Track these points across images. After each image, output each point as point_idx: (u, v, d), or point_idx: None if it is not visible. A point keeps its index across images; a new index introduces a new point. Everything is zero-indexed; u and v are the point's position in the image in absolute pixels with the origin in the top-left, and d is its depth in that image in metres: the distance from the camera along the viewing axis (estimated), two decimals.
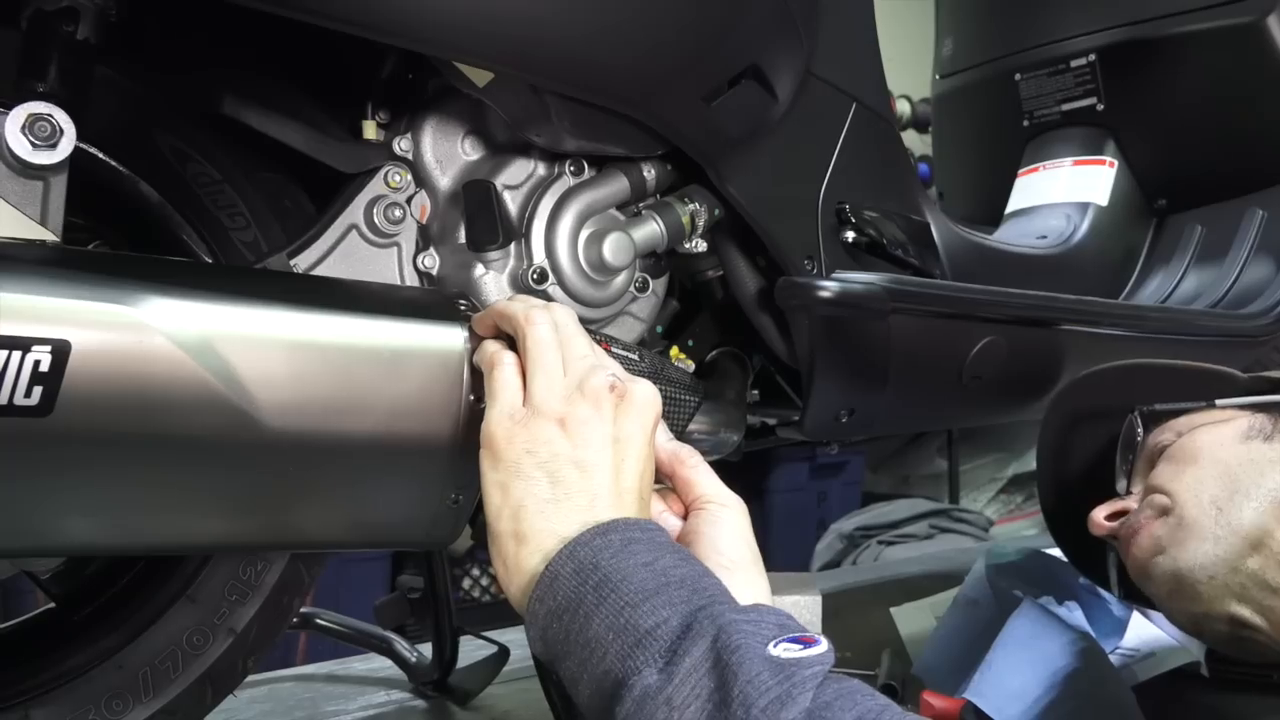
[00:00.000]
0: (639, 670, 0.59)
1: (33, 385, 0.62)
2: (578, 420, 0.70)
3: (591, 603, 0.62)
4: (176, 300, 0.68)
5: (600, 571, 0.63)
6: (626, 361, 0.84)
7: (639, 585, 0.62)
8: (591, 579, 0.63)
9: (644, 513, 0.71)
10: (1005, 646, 1.32)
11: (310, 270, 0.90)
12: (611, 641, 0.61)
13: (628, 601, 0.62)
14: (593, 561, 0.64)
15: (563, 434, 0.69)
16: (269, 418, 0.70)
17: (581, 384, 0.71)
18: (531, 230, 0.97)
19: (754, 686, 0.56)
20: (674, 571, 0.64)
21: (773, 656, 0.57)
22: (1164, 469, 1.04)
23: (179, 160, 0.90)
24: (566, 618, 0.63)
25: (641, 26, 0.87)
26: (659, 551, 0.65)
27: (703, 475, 0.79)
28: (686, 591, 0.62)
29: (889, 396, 1.15)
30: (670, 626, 0.60)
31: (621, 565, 0.63)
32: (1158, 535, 1.01)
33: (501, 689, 1.49)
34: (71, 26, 0.72)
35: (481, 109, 0.96)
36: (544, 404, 0.70)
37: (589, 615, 0.62)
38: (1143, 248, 1.66)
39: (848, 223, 1.13)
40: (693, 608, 0.61)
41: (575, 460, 0.69)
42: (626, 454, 0.70)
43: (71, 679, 0.90)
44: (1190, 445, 1.04)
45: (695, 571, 0.65)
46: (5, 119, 0.68)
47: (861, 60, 1.18)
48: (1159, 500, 1.03)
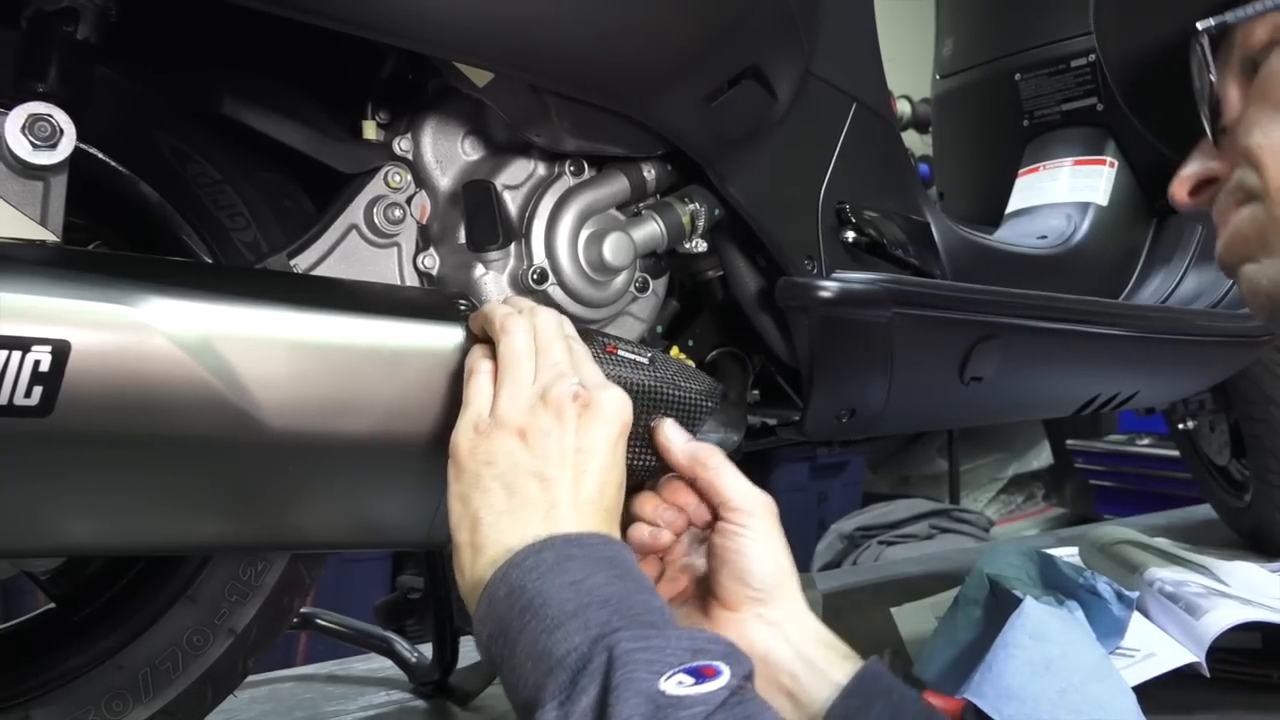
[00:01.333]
0: (544, 704, 0.56)
1: (33, 385, 0.62)
2: (539, 431, 0.69)
3: (516, 628, 0.61)
4: (176, 300, 0.68)
5: (526, 594, 0.61)
6: (633, 365, 0.83)
7: (558, 608, 0.60)
8: (519, 602, 0.61)
9: (608, 524, 0.69)
10: (1005, 647, 1.32)
11: (310, 270, 0.90)
12: (530, 670, 0.59)
13: (545, 627, 0.60)
14: (521, 584, 0.62)
15: (523, 445, 0.68)
16: (269, 418, 0.70)
17: (545, 393, 0.70)
18: (531, 230, 0.97)
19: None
20: (600, 590, 0.61)
21: (657, 693, 0.53)
22: (1258, 113, 0.68)
23: (179, 160, 0.90)
24: (500, 642, 0.62)
25: (642, 27, 0.87)
26: (592, 568, 0.63)
27: (725, 477, 0.77)
28: (606, 613, 0.60)
29: (889, 397, 1.15)
30: (579, 654, 0.57)
31: (546, 586, 0.61)
32: (1244, 234, 0.71)
33: (501, 689, 1.49)
34: (71, 27, 0.72)
35: (481, 109, 0.96)
36: (506, 414, 0.70)
37: (514, 640, 0.61)
38: (1143, 248, 1.66)
39: (848, 223, 1.13)
40: (600, 633, 0.58)
41: (534, 472, 0.68)
42: (588, 465, 0.69)
43: (71, 679, 0.90)
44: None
45: (625, 589, 0.62)
46: (5, 119, 0.68)
47: (861, 60, 1.18)
48: (1246, 180, 0.70)
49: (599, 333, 0.90)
